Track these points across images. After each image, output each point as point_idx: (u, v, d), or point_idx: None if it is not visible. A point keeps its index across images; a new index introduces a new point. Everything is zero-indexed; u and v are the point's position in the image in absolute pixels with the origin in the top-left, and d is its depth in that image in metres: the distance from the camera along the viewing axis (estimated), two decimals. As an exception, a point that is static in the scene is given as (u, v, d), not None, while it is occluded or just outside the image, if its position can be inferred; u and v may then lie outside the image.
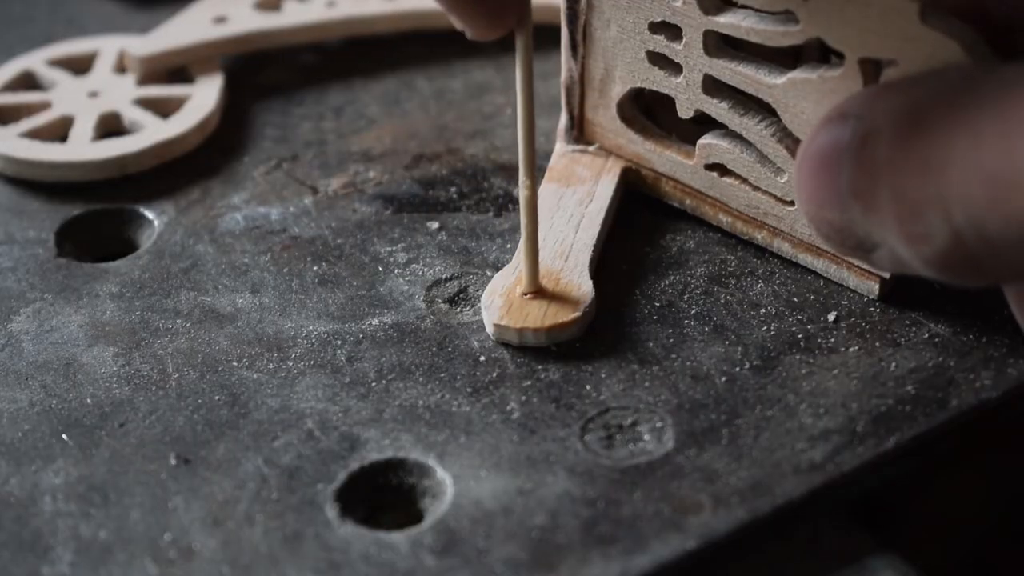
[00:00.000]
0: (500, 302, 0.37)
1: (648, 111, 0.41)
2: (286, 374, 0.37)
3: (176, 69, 0.49)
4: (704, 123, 0.39)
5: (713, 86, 0.38)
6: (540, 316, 0.37)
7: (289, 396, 0.36)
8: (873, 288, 0.38)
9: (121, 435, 0.35)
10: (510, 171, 0.44)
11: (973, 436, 0.35)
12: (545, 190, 0.40)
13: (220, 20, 0.50)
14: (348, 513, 0.33)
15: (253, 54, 0.50)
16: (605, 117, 0.40)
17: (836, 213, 0.30)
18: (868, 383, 0.36)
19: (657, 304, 0.39)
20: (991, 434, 0.36)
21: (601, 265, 0.40)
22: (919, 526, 0.39)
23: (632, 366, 0.37)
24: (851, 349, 0.37)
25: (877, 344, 0.37)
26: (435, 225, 0.42)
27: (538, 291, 0.37)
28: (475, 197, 0.43)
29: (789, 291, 0.39)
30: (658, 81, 0.39)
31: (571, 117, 0.41)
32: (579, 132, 0.41)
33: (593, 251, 0.39)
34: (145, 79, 0.48)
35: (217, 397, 0.36)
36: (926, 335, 0.37)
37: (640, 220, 0.42)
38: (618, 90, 0.40)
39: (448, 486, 0.34)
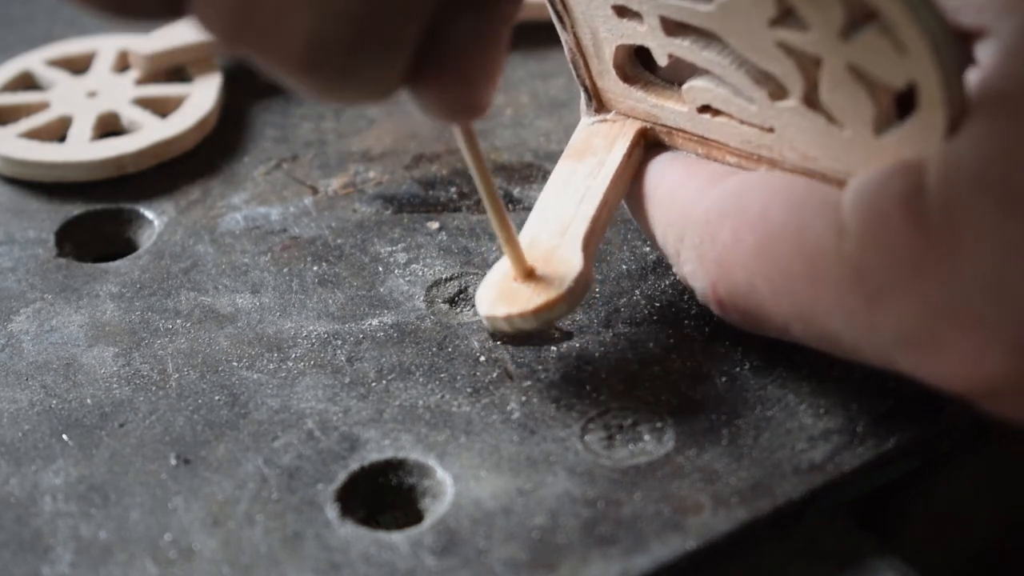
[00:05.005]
0: (492, 294, 0.36)
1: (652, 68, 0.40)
2: (286, 374, 0.37)
3: (175, 69, 0.49)
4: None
5: (675, 26, 0.36)
6: (528, 299, 0.35)
7: (289, 396, 0.36)
8: None
9: (121, 435, 0.35)
10: (510, 171, 0.44)
11: (973, 436, 0.35)
12: (558, 169, 0.39)
13: (223, 18, 0.50)
14: (348, 513, 0.33)
15: (253, 54, 0.50)
16: (611, 81, 0.39)
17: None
18: (868, 383, 0.36)
19: (657, 304, 0.39)
20: (991, 434, 0.36)
21: (601, 264, 0.40)
22: (919, 526, 0.39)
23: (632, 366, 0.37)
24: (851, 349, 0.37)
25: (877, 344, 0.37)
26: (435, 225, 0.42)
27: (529, 274, 0.36)
28: (475, 197, 0.43)
29: (789, 291, 0.39)
30: (630, 33, 0.37)
31: (585, 90, 0.40)
32: (598, 103, 0.40)
33: (592, 222, 0.37)
34: (148, 77, 0.48)
35: (217, 397, 0.36)
36: (926, 335, 0.37)
37: (640, 220, 0.42)
38: (609, 51, 0.39)
39: (448, 486, 0.34)
